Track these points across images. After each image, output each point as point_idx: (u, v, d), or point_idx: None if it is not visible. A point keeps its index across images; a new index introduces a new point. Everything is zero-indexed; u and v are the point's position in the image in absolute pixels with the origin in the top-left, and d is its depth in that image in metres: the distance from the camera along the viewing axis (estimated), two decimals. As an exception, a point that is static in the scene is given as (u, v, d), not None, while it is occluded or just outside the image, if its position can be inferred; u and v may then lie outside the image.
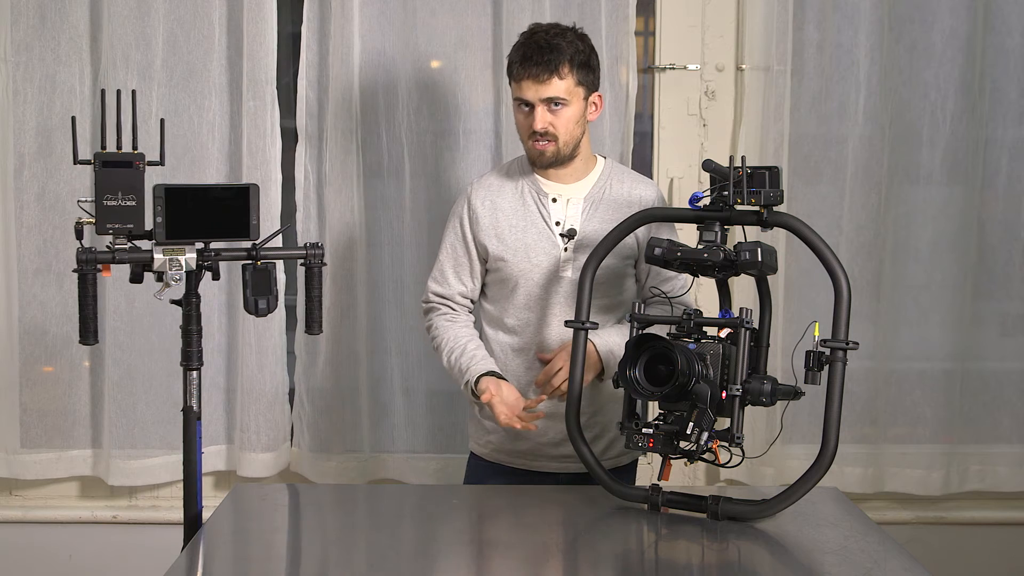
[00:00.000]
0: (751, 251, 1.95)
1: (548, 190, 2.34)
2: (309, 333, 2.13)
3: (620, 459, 2.41)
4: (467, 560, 1.85)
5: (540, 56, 2.22)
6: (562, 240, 2.31)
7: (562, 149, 2.28)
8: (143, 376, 2.90)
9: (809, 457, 1.95)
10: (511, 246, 2.32)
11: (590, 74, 2.29)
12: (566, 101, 2.25)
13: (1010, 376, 3.00)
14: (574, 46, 2.25)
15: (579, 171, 2.35)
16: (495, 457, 2.41)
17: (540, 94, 2.24)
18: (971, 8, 2.85)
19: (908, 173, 2.91)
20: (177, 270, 1.97)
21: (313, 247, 2.08)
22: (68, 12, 2.82)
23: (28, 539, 2.98)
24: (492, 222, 2.34)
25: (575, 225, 2.32)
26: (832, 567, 1.78)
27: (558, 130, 2.26)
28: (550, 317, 2.32)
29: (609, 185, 2.36)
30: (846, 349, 1.91)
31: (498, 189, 2.37)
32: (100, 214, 1.95)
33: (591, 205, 2.34)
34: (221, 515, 2.02)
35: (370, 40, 2.84)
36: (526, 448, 2.36)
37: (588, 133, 2.36)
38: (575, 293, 2.27)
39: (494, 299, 2.39)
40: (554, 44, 2.23)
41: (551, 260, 2.31)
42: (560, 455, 2.36)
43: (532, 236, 2.32)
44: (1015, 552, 3.02)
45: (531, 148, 2.30)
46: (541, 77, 2.22)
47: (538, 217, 2.33)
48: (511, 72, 2.28)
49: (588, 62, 2.28)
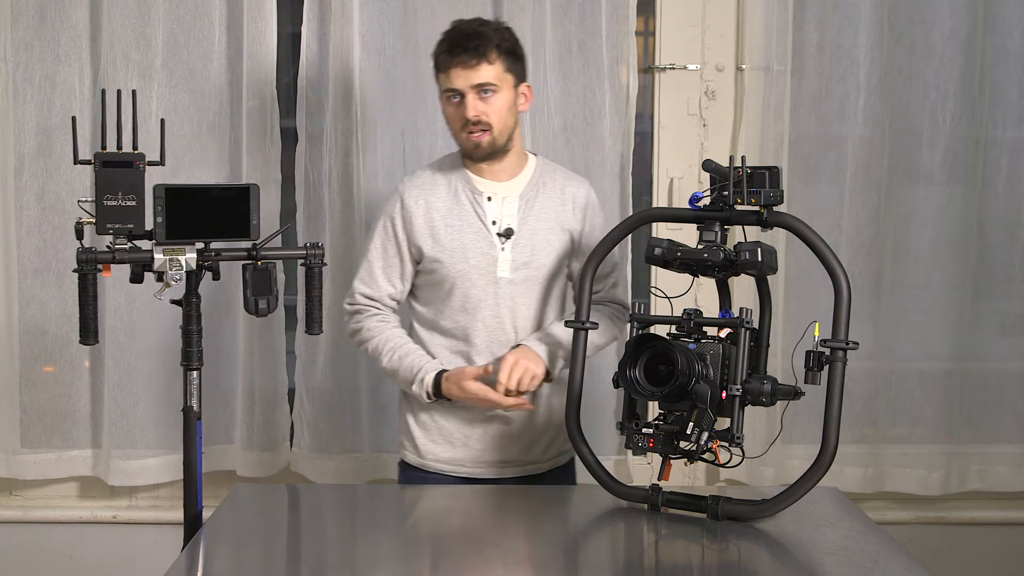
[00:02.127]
0: (751, 251, 1.95)
1: (482, 188, 2.32)
2: (309, 333, 2.14)
3: (560, 459, 2.41)
4: (467, 560, 1.85)
5: (467, 43, 2.22)
6: (499, 240, 2.29)
7: (497, 139, 2.26)
8: (143, 376, 2.90)
9: (809, 457, 1.95)
10: (447, 247, 2.28)
11: (518, 62, 2.28)
12: (496, 87, 2.23)
13: (1010, 376, 3.00)
14: (499, 34, 2.25)
15: (513, 167, 2.34)
16: (434, 467, 2.36)
17: (470, 80, 2.22)
18: (971, 8, 2.85)
19: (908, 173, 2.91)
20: (177, 270, 1.97)
21: (313, 247, 2.08)
22: (68, 12, 2.82)
23: (28, 539, 2.98)
24: (426, 222, 2.30)
25: (512, 224, 2.30)
26: (832, 567, 1.78)
27: (491, 118, 2.24)
28: (488, 318, 2.30)
29: (543, 182, 2.35)
30: (846, 349, 1.91)
31: (431, 188, 2.34)
32: (100, 214, 1.95)
33: (526, 203, 2.32)
34: (221, 515, 2.02)
35: (370, 40, 2.84)
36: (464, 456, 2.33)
37: (519, 128, 2.34)
38: (513, 293, 2.28)
39: (427, 301, 2.35)
40: (479, 31, 2.23)
41: (488, 260, 2.28)
42: (496, 461, 2.34)
43: (469, 236, 2.28)
44: (1015, 552, 3.02)
45: (465, 140, 2.28)
46: (469, 63, 2.21)
47: (474, 216, 2.30)
48: (438, 64, 2.27)
49: (514, 50, 2.27)
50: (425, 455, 2.36)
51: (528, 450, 2.35)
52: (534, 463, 2.37)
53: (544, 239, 2.31)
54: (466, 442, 2.33)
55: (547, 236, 2.31)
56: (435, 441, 2.35)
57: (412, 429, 2.37)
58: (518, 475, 2.34)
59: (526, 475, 2.36)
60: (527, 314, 2.31)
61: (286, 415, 2.94)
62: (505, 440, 2.32)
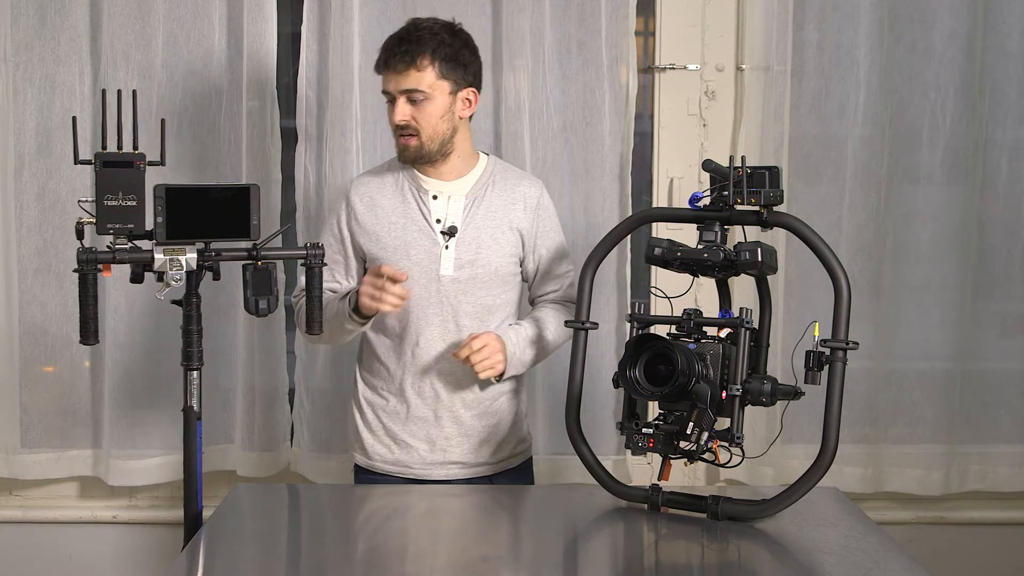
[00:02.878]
0: (751, 251, 1.95)
1: (428, 187, 2.33)
2: (309, 333, 2.14)
3: (512, 460, 2.42)
4: (467, 560, 1.85)
5: (398, 47, 2.22)
6: (443, 238, 2.29)
7: (426, 144, 2.26)
8: (143, 376, 2.90)
9: (809, 457, 1.95)
10: (389, 244, 2.30)
11: (458, 69, 2.26)
12: (426, 94, 2.23)
13: (1010, 376, 3.00)
14: (438, 38, 2.23)
15: (458, 168, 2.34)
16: (382, 468, 2.38)
17: (399, 85, 2.23)
18: (971, 8, 2.85)
19: (908, 173, 2.91)
20: (177, 270, 1.98)
21: (313, 247, 2.08)
22: (68, 12, 2.82)
23: (28, 539, 2.98)
24: (371, 219, 2.32)
25: (456, 222, 2.30)
26: (832, 567, 1.78)
27: (420, 124, 2.25)
28: (430, 316, 2.30)
29: (492, 182, 2.35)
30: (846, 349, 1.91)
31: (377, 186, 2.36)
32: (100, 214, 1.95)
33: (472, 202, 2.32)
34: (221, 515, 2.02)
35: (370, 40, 2.83)
36: (410, 459, 2.35)
37: (466, 131, 2.34)
38: (456, 292, 2.29)
39: None
40: (416, 36, 2.22)
41: (430, 258, 2.29)
42: (441, 462, 2.35)
43: (412, 234, 2.30)
44: (1015, 552, 3.02)
45: (397, 143, 2.30)
46: (398, 68, 2.22)
47: (418, 214, 2.31)
48: (376, 64, 2.29)
49: (456, 57, 2.25)
50: (373, 457, 2.38)
51: (475, 452, 2.36)
52: (482, 464, 2.37)
53: (490, 237, 2.31)
54: (411, 443, 2.34)
55: (493, 234, 2.32)
56: (382, 442, 2.37)
57: (360, 431, 2.40)
58: (466, 476, 2.35)
59: (475, 476, 2.36)
60: (472, 312, 2.31)
61: (286, 415, 2.94)
62: (451, 442, 2.34)
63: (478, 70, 2.33)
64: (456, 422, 2.34)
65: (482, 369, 2.23)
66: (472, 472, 2.36)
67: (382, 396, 2.37)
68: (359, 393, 2.41)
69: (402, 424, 2.35)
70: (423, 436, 2.34)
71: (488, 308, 2.33)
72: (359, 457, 2.42)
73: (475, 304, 2.31)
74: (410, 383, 2.33)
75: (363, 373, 2.42)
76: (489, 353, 2.23)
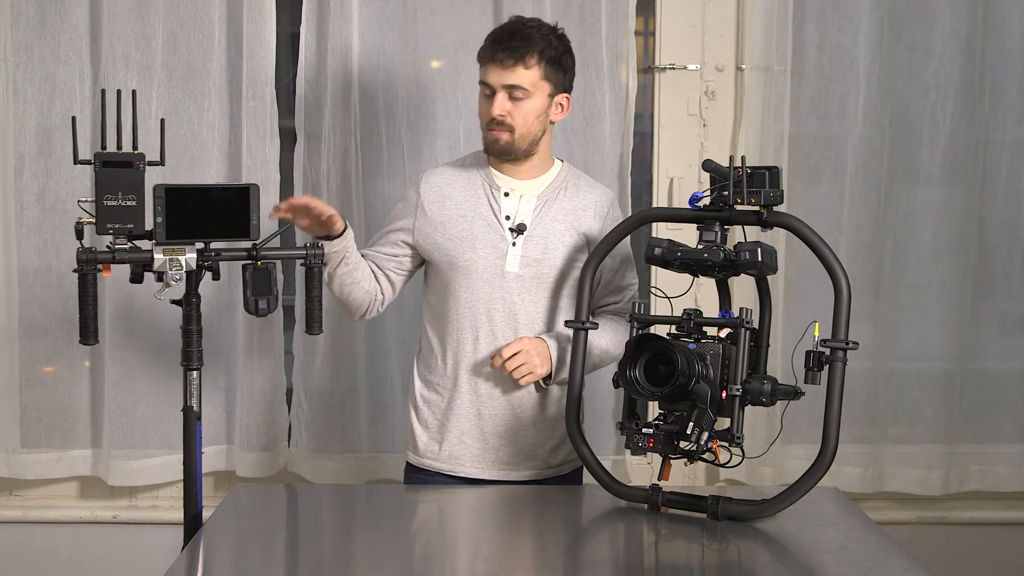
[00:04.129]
0: (751, 251, 1.95)
1: (501, 183, 2.32)
2: (309, 333, 2.14)
3: (563, 468, 2.36)
4: (467, 560, 1.85)
5: (509, 42, 2.22)
6: (510, 234, 2.28)
7: (516, 141, 2.26)
8: (143, 376, 2.90)
9: (809, 457, 1.95)
10: (455, 235, 2.29)
11: (560, 72, 2.27)
12: (528, 92, 2.23)
13: (1010, 376, 3.00)
14: (547, 40, 2.24)
15: (536, 169, 2.33)
16: (434, 466, 2.34)
17: (503, 80, 2.22)
18: (971, 8, 2.85)
19: (908, 173, 2.91)
20: (177, 270, 1.97)
21: (313, 247, 2.08)
22: (68, 12, 2.82)
23: (28, 539, 2.98)
24: (438, 209, 2.31)
25: (526, 220, 2.29)
26: (832, 567, 1.78)
27: (515, 120, 2.24)
28: (493, 312, 2.28)
29: (565, 187, 2.34)
30: (846, 349, 1.91)
31: (450, 179, 2.35)
32: (100, 214, 1.95)
33: (544, 203, 2.31)
34: (221, 515, 2.02)
35: (369, 40, 2.84)
36: (462, 458, 2.30)
37: (550, 135, 2.34)
38: (520, 289, 2.27)
39: (436, 291, 2.35)
40: (526, 33, 2.22)
41: (496, 253, 2.27)
42: (490, 461, 2.30)
43: (480, 227, 2.29)
44: (1015, 552, 3.02)
45: (487, 135, 2.29)
46: (506, 63, 2.21)
47: (487, 209, 2.30)
48: (480, 54, 2.27)
49: (560, 60, 2.26)
50: (424, 455, 2.35)
51: (526, 455, 2.31)
52: (532, 468, 2.31)
53: (559, 239, 2.30)
54: (464, 441, 2.30)
55: (562, 236, 2.30)
56: (435, 439, 2.33)
57: (414, 428, 2.36)
58: (516, 479, 2.30)
59: (525, 479, 2.31)
60: (534, 311, 2.29)
61: (285, 415, 2.94)
62: (503, 442, 2.30)
63: (573, 77, 2.33)
64: (508, 423, 2.29)
65: (519, 376, 2.21)
66: (522, 475, 2.31)
67: (438, 393, 2.33)
68: (415, 390, 2.37)
69: (455, 422, 2.30)
70: (475, 435, 2.29)
71: (551, 308, 2.30)
72: (410, 455, 2.38)
73: (537, 304, 2.28)
74: (465, 381, 2.29)
75: (420, 369, 2.38)
76: (524, 359, 2.20)
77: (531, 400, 2.30)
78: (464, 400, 2.29)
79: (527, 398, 2.29)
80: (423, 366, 2.38)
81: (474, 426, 2.30)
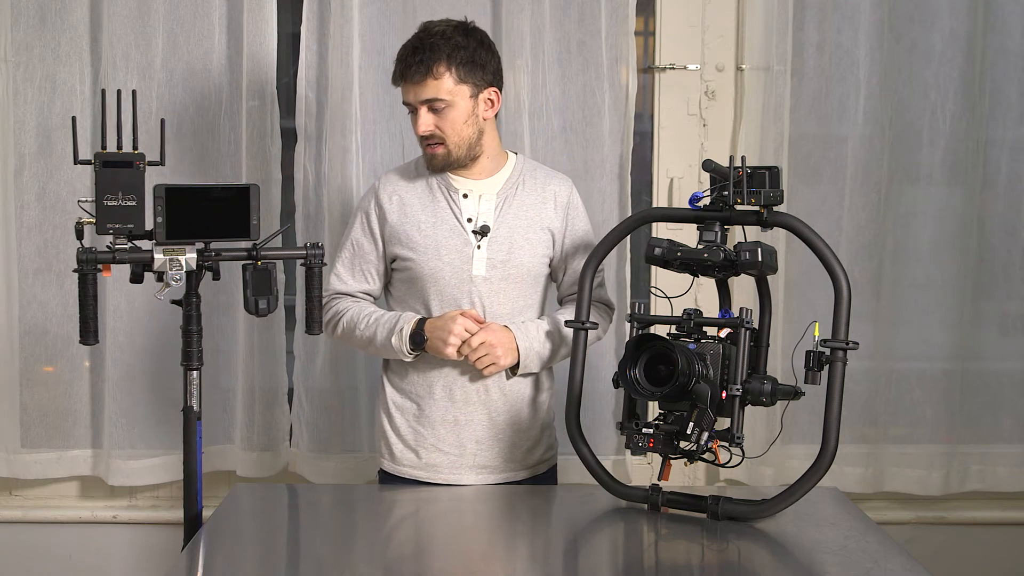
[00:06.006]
0: (751, 251, 1.96)
1: (458, 186, 2.29)
2: (309, 333, 2.14)
3: (539, 467, 2.36)
4: (467, 560, 1.85)
5: (413, 57, 2.18)
6: (475, 237, 2.27)
7: (453, 151, 2.24)
8: (143, 376, 2.90)
9: (809, 457, 1.95)
10: (420, 244, 2.26)
11: (476, 70, 2.21)
12: (447, 101, 2.19)
13: (1010, 376, 3.00)
14: (452, 43, 2.18)
15: (488, 168, 2.31)
16: (411, 474, 2.32)
17: (419, 96, 2.20)
18: (971, 8, 2.85)
19: (908, 173, 2.91)
20: (177, 270, 1.98)
21: (313, 247, 2.08)
22: (68, 12, 2.82)
23: (28, 539, 2.98)
24: (400, 219, 2.29)
25: (488, 222, 2.27)
26: (832, 567, 1.78)
27: (444, 132, 2.22)
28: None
29: (522, 181, 2.33)
30: (846, 349, 1.91)
31: (407, 185, 2.32)
32: (100, 214, 1.95)
33: (504, 201, 2.30)
34: (221, 515, 2.02)
35: (370, 40, 2.84)
36: (438, 464, 2.30)
37: (493, 130, 2.31)
38: (489, 292, 2.26)
39: (402, 299, 2.33)
40: (429, 43, 2.18)
41: (462, 258, 2.25)
42: (467, 466, 2.30)
43: (443, 233, 2.26)
44: (1015, 552, 3.02)
45: (424, 152, 2.27)
46: (415, 79, 2.18)
47: (449, 214, 2.27)
48: (392, 77, 2.25)
49: (473, 59, 2.20)
50: (400, 462, 2.33)
51: (503, 457, 2.30)
52: (510, 470, 2.31)
53: (523, 237, 2.28)
54: (439, 447, 2.29)
55: (525, 234, 2.29)
56: (409, 447, 2.31)
57: (388, 435, 2.34)
58: (493, 482, 2.30)
59: (502, 481, 2.30)
60: (504, 313, 2.28)
61: (286, 415, 2.94)
62: (481, 446, 2.29)
63: (497, 67, 2.28)
64: (484, 426, 2.28)
65: (482, 366, 2.21)
66: (499, 478, 2.30)
67: (410, 399, 2.31)
68: (387, 397, 2.35)
69: (430, 428, 2.29)
70: (452, 440, 2.28)
71: (519, 308, 2.30)
72: (385, 462, 2.36)
73: (506, 304, 2.27)
74: (440, 386, 2.28)
75: (390, 376, 2.36)
76: (487, 350, 2.20)
77: (506, 403, 2.29)
78: (439, 407, 2.28)
79: (502, 401, 2.29)
80: (393, 373, 2.35)
81: (450, 432, 2.29)
